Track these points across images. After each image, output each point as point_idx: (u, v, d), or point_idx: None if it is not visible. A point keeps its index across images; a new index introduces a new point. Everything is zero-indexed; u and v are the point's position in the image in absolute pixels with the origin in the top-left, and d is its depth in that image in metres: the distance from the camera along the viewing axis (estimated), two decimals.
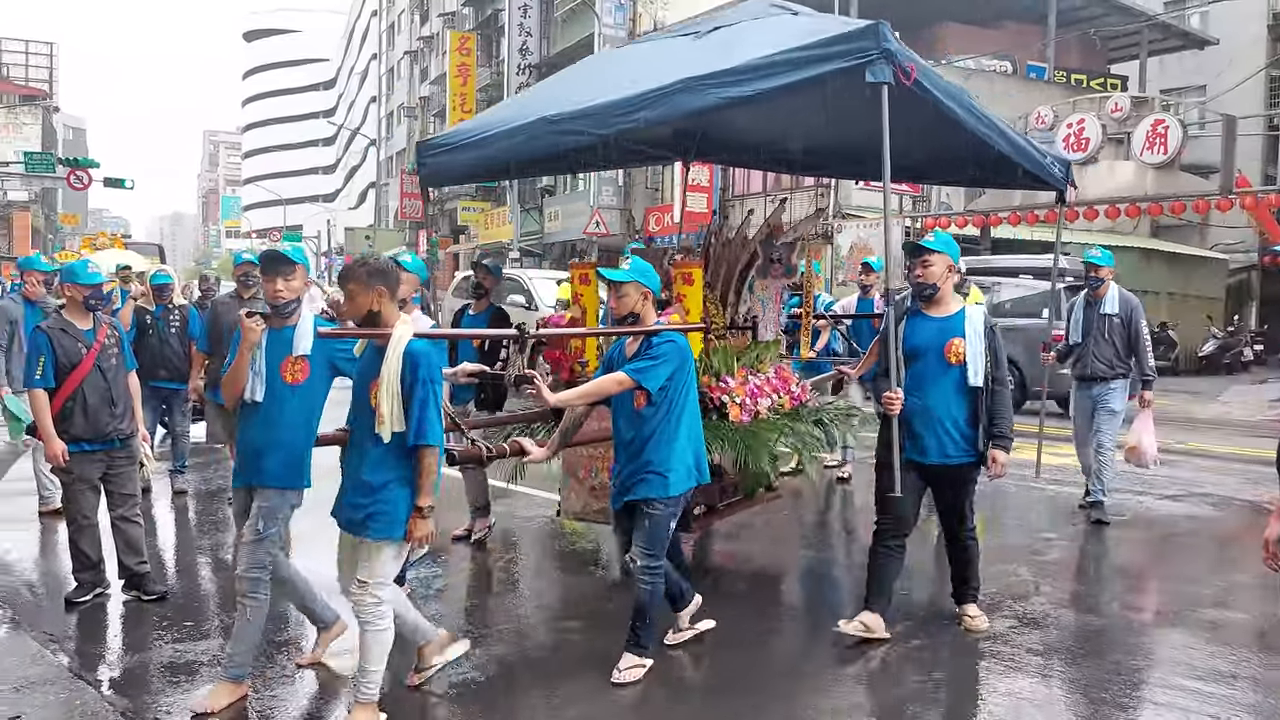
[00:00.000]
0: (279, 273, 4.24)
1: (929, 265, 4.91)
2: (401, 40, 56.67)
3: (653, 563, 4.47)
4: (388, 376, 3.79)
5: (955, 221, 19.82)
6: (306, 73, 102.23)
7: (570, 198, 33.28)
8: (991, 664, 4.82)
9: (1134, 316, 7.47)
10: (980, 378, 4.83)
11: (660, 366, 4.41)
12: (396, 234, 51.94)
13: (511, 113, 5.87)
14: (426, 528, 3.90)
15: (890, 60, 4.78)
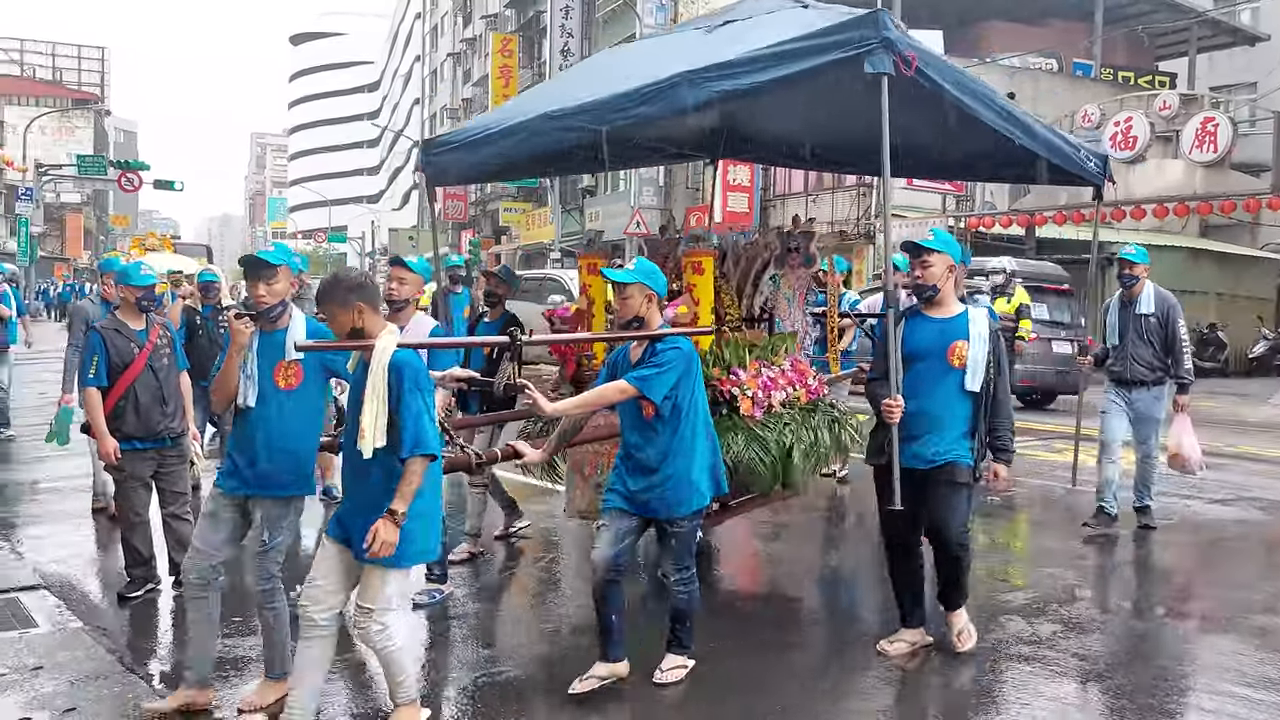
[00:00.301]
0: (260, 277, 4.13)
1: (929, 266, 4.65)
2: (444, 42, 57.12)
3: (685, 574, 4.44)
4: (372, 390, 3.63)
5: (1000, 221, 19.64)
6: (351, 75, 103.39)
7: (611, 198, 33.36)
8: (1036, 669, 4.78)
9: (1171, 315, 7.15)
10: (978, 382, 4.58)
11: (665, 374, 4.23)
12: (440, 235, 52.42)
13: (515, 110, 5.81)
14: (392, 535, 3.60)
15: (890, 49, 4.61)
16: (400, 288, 5.28)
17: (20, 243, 43.08)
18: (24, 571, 6.14)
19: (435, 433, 3.74)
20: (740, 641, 5.05)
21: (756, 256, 6.52)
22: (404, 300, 5.30)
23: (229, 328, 4.11)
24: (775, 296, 6.57)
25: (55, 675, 4.55)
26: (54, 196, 60.59)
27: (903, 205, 22.27)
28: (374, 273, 37.46)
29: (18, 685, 4.44)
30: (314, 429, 4.26)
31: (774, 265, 6.51)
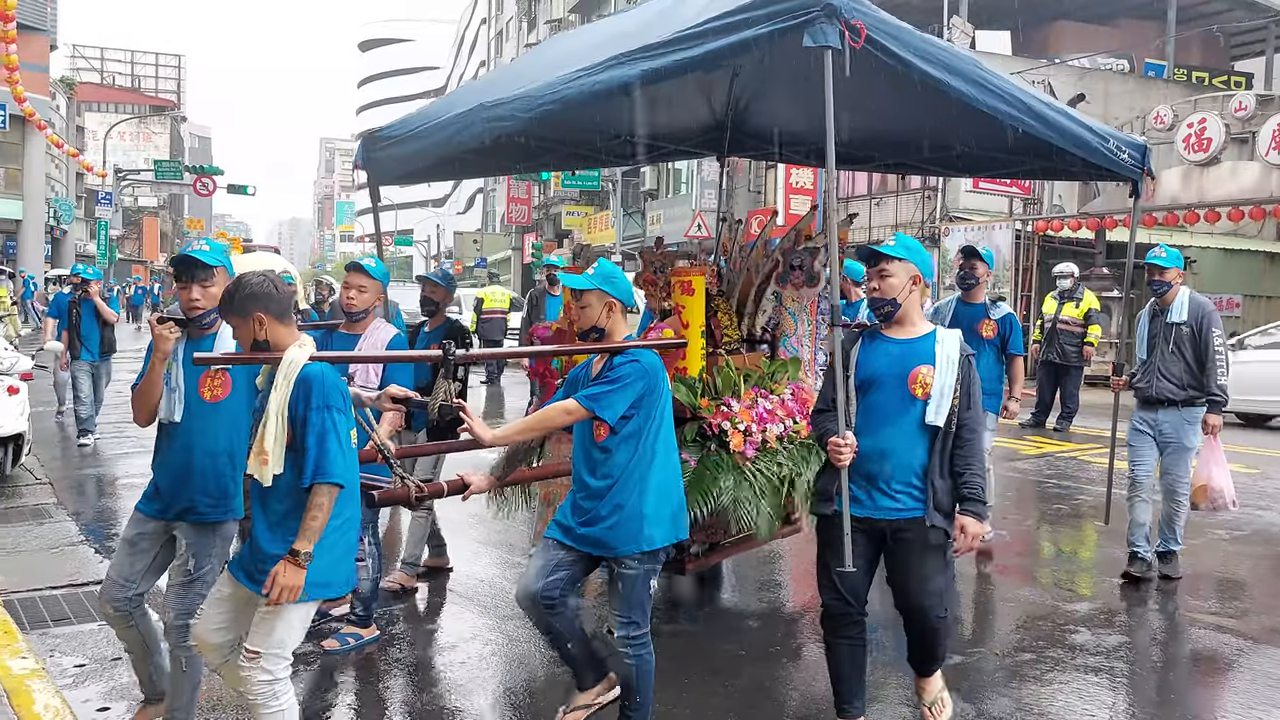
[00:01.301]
0: (195, 278, 3.75)
1: (887, 276, 3.86)
2: (509, 48, 57.62)
3: (634, 631, 3.75)
4: (275, 409, 3.21)
5: (1068, 224, 19.32)
6: (418, 80, 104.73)
7: (672, 201, 33.44)
8: (1103, 679, 4.74)
9: (1206, 324, 6.21)
10: (941, 416, 3.74)
11: (619, 392, 3.68)
12: (503, 238, 52.87)
13: (452, 103, 5.41)
14: (296, 578, 3.16)
15: (835, 18, 3.89)
16: (359, 296, 4.99)
17: (100, 245, 44.49)
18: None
19: (345, 458, 3.24)
20: (755, 658, 5.05)
21: (758, 270, 6.04)
22: (363, 310, 5.03)
23: (152, 334, 3.72)
24: (779, 314, 6.08)
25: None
26: (132, 201, 62.37)
27: (969, 209, 22.01)
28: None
29: (97, 675, 4.62)
30: (242, 447, 3.69)
31: (774, 282, 6.03)
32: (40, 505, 7.94)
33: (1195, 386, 6.22)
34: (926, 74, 4.30)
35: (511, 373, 18.20)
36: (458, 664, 4.89)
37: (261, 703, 3.24)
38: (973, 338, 6.84)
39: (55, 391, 12.13)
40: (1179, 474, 6.31)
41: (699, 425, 5.11)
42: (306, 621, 3.36)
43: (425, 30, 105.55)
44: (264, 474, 3.21)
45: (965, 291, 7.12)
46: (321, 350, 3.47)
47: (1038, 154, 5.51)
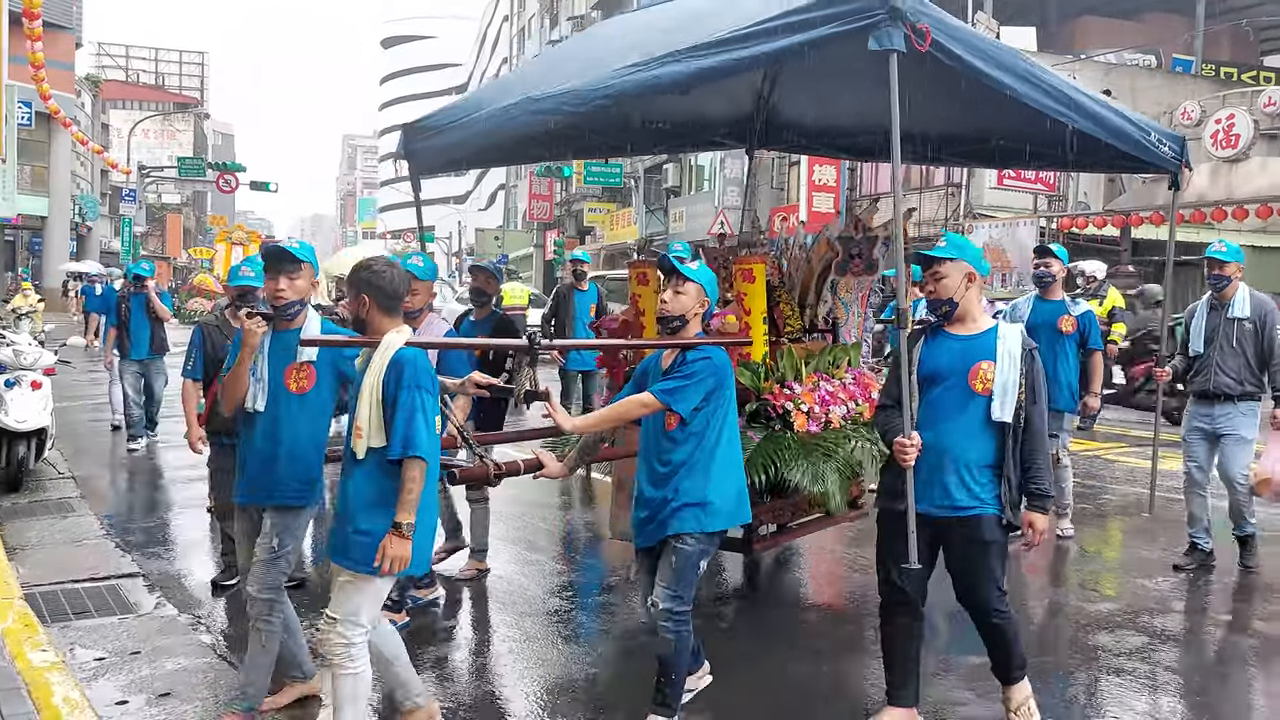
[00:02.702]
0: (283, 270, 3.93)
1: (940, 277, 3.92)
2: (531, 45, 57.65)
3: (678, 606, 3.86)
4: (369, 386, 3.48)
5: (1094, 221, 19.13)
6: (441, 77, 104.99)
7: (695, 198, 33.34)
8: (1127, 681, 4.67)
9: (1270, 321, 6.25)
10: (1007, 412, 3.78)
11: (693, 387, 3.82)
12: (525, 234, 52.93)
13: (496, 93, 5.48)
14: (403, 549, 3.41)
15: (899, 20, 3.92)
16: (412, 299, 5.02)
17: (123, 242, 44.84)
18: (128, 559, 6.40)
19: (430, 436, 3.47)
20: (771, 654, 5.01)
21: (818, 257, 6.19)
22: (416, 310, 5.16)
23: (241, 327, 3.90)
24: (834, 304, 6.27)
25: (152, 660, 4.74)
26: (155, 197, 62.81)
27: (993, 205, 21.82)
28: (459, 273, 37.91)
29: (116, 668, 4.63)
30: (324, 435, 4.06)
31: (835, 271, 6.16)
32: (64, 499, 7.98)
33: (1254, 382, 6.27)
34: (982, 72, 4.34)
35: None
36: (473, 659, 4.88)
37: (338, 664, 3.49)
38: (1053, 334, 6.94)
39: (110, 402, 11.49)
40: (1239, 464, 6.31)
41: (760, 406, 5.26)
42: (382, 595, 3.59)
43: (447, 27, 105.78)
44: (359, 447, 3.48)
45: (1042, 289, 7.18)
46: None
47: (1078, 147, 5.46)
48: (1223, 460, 6.41)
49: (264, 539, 3.94)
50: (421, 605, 5.50)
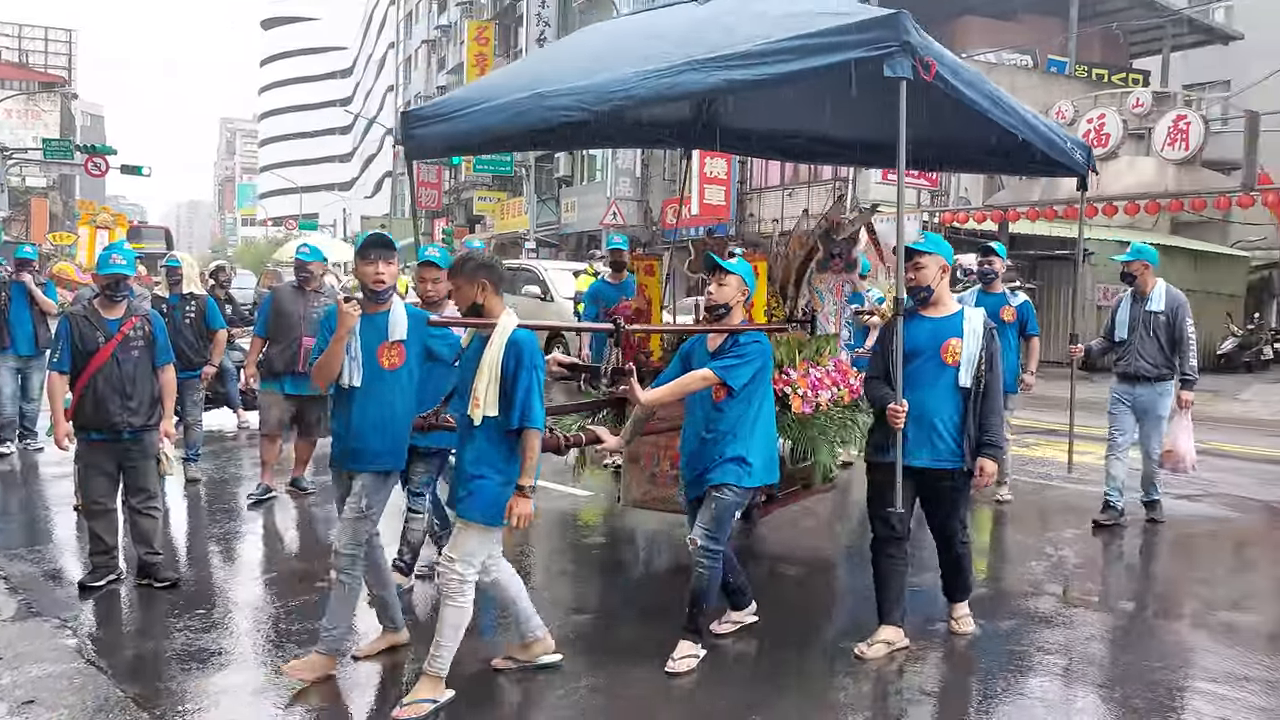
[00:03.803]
0: (382, 257, 4.33)
1: (921, 268, 4.76)
2: (419, 29, 56.68)
3: (713, 545, 4.52)
4: (489, 363, 3.96)
5: (974, 216, 19.71)
6: (324, 61, 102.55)
7: (587, 189, 33.25)
8: (1002, 663, 4.79)
9: (1180, 314, 7.20)
10: (969, 377, 4.64)
11: (745, 365, 4.51)
12: (412, 223, 52.08)
13: (497, 86, 5.70)
14: (526, 507, 4.00)
15: (910, 54, 4.54)
16: (436, 286, 5.42)
17: None
18: None
19: (542, 409, 4.03)
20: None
21: (798, 254, 6.60)
22: (441, 297, 5.43)
23: (338, 312, 4.18)
24: (811, 296, 6.68)
25: (14, 666, 4.47)
26: (19, 180, 59.70)
27: (879, 200, 22.31)
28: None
29: None
30: (411, 408, 4.47)
31: (815, 267, 6.61)
32: None
33: (1167, 365, 7.24)
34: (967, 96, 5.03)
35: None
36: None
37: (450, 595, 4.05)
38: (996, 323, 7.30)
39: None
40: (1155, 440, 7.34)
41: None
42: (492, 542, 4.16)
43: (330, 8, 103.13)
44: (476, 415, 3.97)
45: (986, 283, 7.91)
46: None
47: (1010, 154, 6.28)
48: (1142, 436, 7.40)
49: (354, 499, 4.32)
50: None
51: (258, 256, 57.67)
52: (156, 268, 9.52)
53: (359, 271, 4.37)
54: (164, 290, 8.32)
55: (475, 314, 4.11)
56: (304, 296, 7.66)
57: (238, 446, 10.06)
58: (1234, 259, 23.82)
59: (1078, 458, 7.69)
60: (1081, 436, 7.18)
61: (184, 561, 6.23)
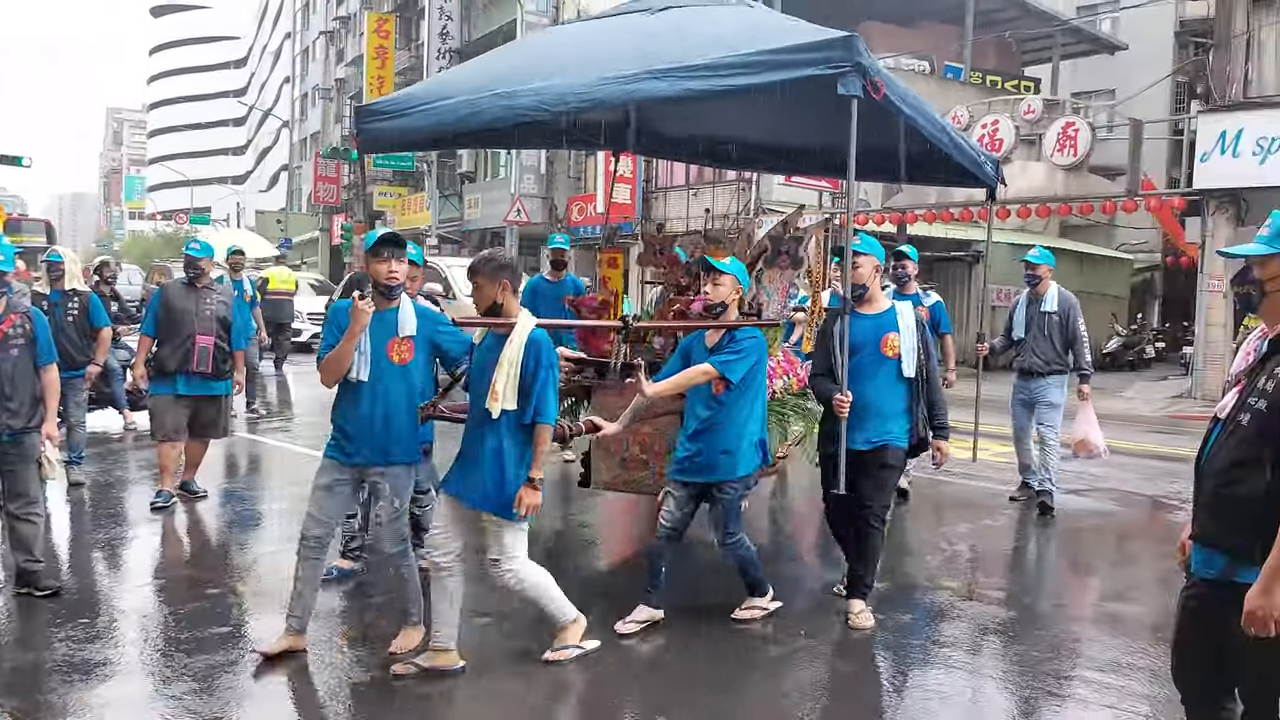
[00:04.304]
0: (396, 255, 4.43)
1: (858, 267, 5.12)
2: (316, 20, 55.38)
3: (732, 537, 4.99)
4: (509, 359, 4.16)
5: (873, 218, 20.08)
6: (216, 50, 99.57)
7: (491, 185, 32.93)
8: (896, 656, 4.88)
9: (1072, 314, 7.77)
10: (912, 369, 5.10)
11: (743, 360, 4.82)
12: (309, 218, 50.88)
13: (457, 85, 5.82)
14: (535, 498, 4.22)
15: (861, 74, 4.86)
16: (411, 284, 5.35)
17: None
18: None
19: (555, 404, 4.30)
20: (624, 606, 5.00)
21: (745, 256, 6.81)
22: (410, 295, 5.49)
23: (351, 309, 4.25)
24: (758, 292, 6.90)
25: None
26: None
27: (781, 201, 22.56)
28: None
29: None
30: (417, 402, 4.56)
31: (764, 264, 6.87)
32: None
33: (1059, 362, 7.78)
34: (906, 114, 5.43)
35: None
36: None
37: (515, 588, 4.36)
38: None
39: None
40: (1050, 424, 7.82)
41: None
42: (523, 531, 4.36)
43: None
44: (494, 408, 4.16)
45: (900, 285, 8.07)
46: None
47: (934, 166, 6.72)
48: (1037, 420, 7.89)
49: (385, 503, 4.48)
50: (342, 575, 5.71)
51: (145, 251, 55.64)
52: (37, 262, 9.13)
53: (372, 270, 4.43)
54: (45, 286, 7.93)
55: (494, 313, 4.30)
56: (195, 293, 7.41)
57: (123, 449, 9.69)
58: (1118, 261, 24.79)
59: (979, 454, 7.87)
60: (982, 434, 7.32)
61: (66, 569, 5.96)
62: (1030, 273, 7.92)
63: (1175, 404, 16.09)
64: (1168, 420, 14.50)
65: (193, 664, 4.51)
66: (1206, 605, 2.93)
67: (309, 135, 55.71)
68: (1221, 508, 2.87)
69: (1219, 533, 2.88)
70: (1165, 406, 15.85)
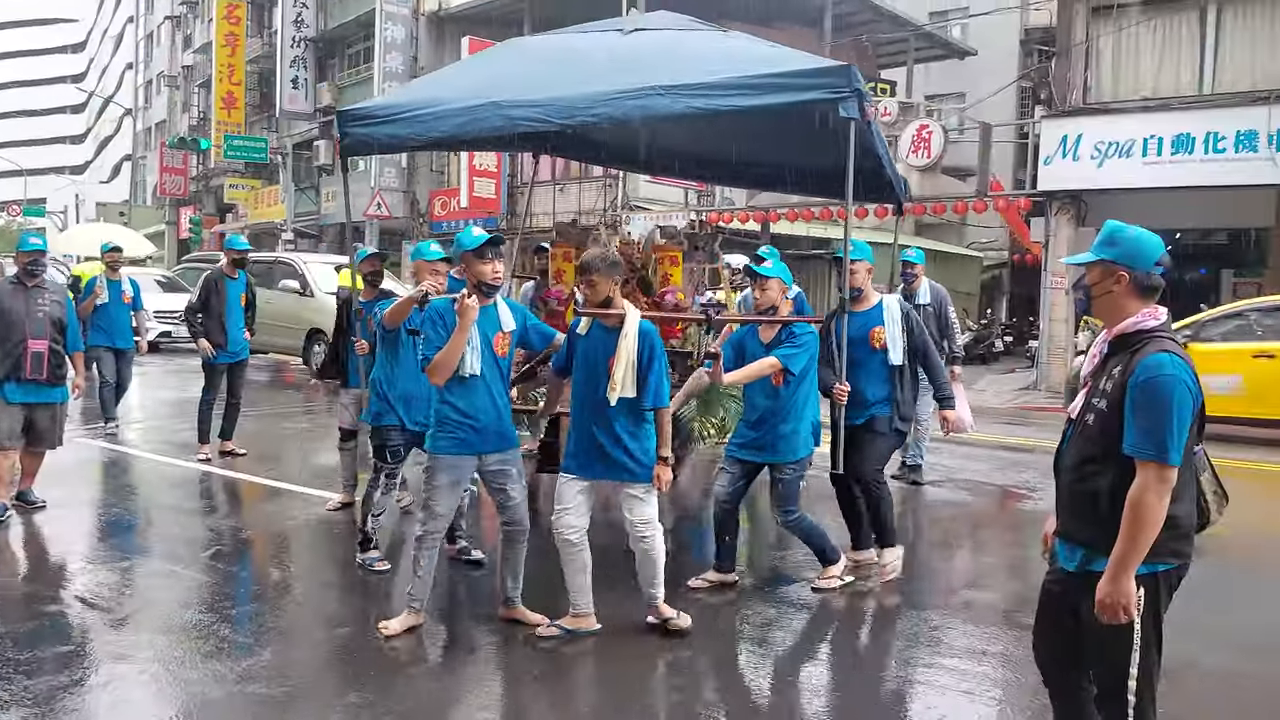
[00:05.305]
0: (498, 255, 4.72)
1: (853, 272, 5.79)
2: (162, 4, 52.86)
3: (792, 514, 5.52)
4: (627, 351, 4.56)
5: (738, 216, 20.37)
6: (52, 33, 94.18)
7: (350, 178, 32.06)
8: (762, 649, 4.93)
9: (944, 305, 8.53)
10: (900, 356, 5.75)
11: (804, 353, 5.34)
12: (155, 211, 48.62)
13: (443, 89, 6.07)
14: (669, 473, 4.76)
15: (859, 99, 5.33)
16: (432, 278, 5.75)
17: None
18: None
19: (669, 390, 4.79)
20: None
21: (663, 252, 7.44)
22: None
23: (459, 307, 4.50)
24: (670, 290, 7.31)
25: None
26: None
27: (647, 198, 22.68)
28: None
29: None
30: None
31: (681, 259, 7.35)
32: None
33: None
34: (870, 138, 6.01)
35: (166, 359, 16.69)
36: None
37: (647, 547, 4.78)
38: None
39: None
40: (921, 406, 8.06)
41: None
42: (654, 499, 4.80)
43: None
44: (613, 397, 4.57)
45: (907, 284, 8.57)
46: None
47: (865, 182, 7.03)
48: None
49: (516, 485, 4.85)
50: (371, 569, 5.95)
51: None
52: None
53: (476, 269, 4.67)
54: None
55: (606, 306, 4.71)
56: (26, 293, 6.94)
57: None
58: (969, 259, 25.79)
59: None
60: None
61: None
62: (908, 271, 8.45)
63: (1022, 395, 16.80)
64: (1016, 411, 15.12)
65: (33, 686, 4.20)
66: (1066, 592, 3.07)
67: (154, 124, 53.25)
68: (1075, 504, 3.02)
69: (1076, 527, 3.02)
70: (1013, 398, 16.52)
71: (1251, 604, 5.91)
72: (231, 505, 7.88)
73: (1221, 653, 4.92)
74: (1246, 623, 5.53)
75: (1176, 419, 2.77)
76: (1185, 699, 3.38)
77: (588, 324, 4.81)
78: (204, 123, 40.10)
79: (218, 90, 36.21)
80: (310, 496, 7.71)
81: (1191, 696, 4.22)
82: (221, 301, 9.25)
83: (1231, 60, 16.24)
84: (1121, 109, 16.67)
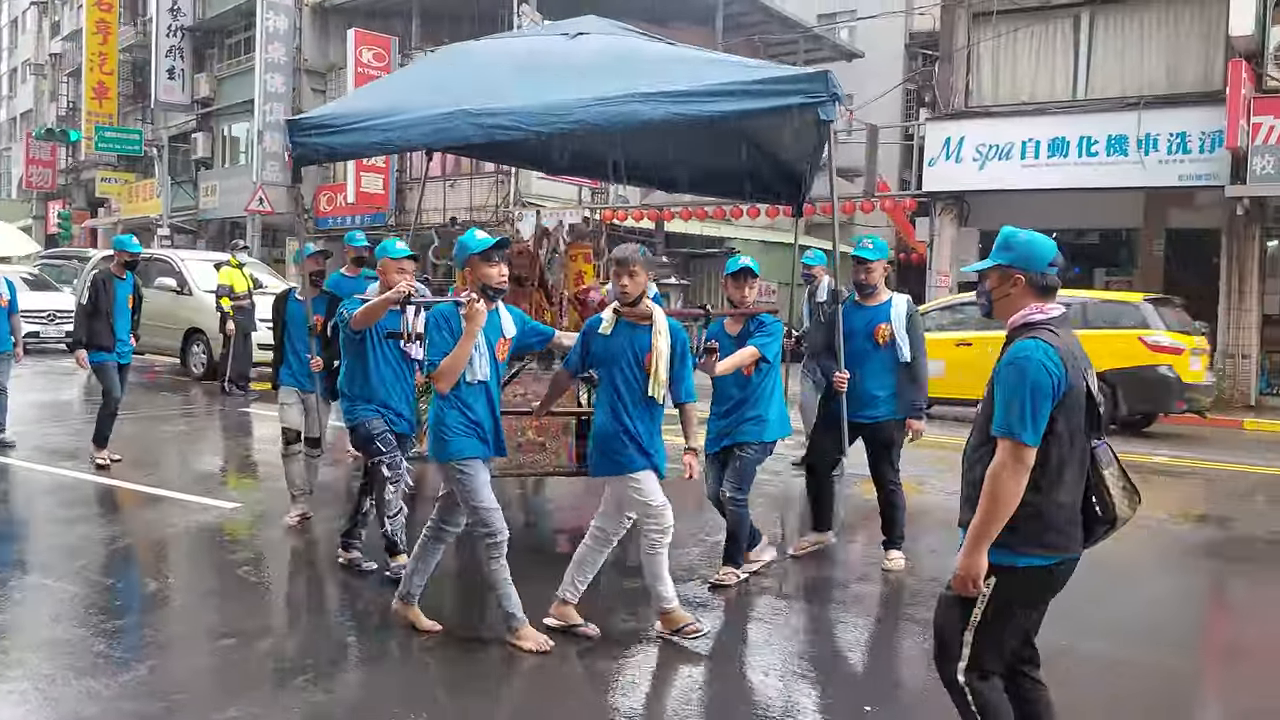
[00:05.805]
0: (503, 259, 4.65)
1: (872, 270, 6.10)
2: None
3: (739, 495, 5.60)
4: (663, 349, 4.63)
5: (632, 214, 20.37)
6: None
7: (230, 172, 31.08)
8: (653, 649, 4.84)
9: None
10: (907, 355, 5.96)
11: (775, 340, 5.53)
12: (21, 205, 46.31)
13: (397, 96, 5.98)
14: (698, 464, 4.84)
15: (837, 103, 5.49)
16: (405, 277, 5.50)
17: None
18: None
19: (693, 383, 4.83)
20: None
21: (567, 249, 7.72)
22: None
23: (467, 311, 4.39)
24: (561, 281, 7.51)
25: None
26: None
27: (540, 194, 22.50)
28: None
29: None
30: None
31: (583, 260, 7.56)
32: None
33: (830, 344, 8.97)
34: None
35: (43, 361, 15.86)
36: None
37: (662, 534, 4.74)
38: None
39: None
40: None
41: None
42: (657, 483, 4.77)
43: None
44: (658, 394, 4.65)
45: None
46: None
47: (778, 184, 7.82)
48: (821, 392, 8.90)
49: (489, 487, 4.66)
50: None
51: None
52: None
53: (482, 273, 4.57)
54: None
55: (638, 303, 4.69)
56: None
57: None
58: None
59: None
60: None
61: None
62: (807, 272, 8.98)
63: None
64: None
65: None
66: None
67: (19, 114, 50.75)
68: (966, 491, 3.09)
69: (966, 514, 3.05)
70: None
71: (1129, 592, 6.11)
72: (107, 513, 7.49)
73: (1098, 640, 5.03)
74: (1123, 611, 5.71)
75: (1030, 399, 2.85)
76: (1061, 684, 3.43)
77: (612, 322, 4.75)
78: (74, 113, 38.42)
79: (88, 80, 34.72)
80: (189, 503, 7.38)
81: (1067, 682, 4.29)
82: (110, 302, 8.75)
83: (1103, 67, 16.93)
84: (1001, 113, 17.22)
